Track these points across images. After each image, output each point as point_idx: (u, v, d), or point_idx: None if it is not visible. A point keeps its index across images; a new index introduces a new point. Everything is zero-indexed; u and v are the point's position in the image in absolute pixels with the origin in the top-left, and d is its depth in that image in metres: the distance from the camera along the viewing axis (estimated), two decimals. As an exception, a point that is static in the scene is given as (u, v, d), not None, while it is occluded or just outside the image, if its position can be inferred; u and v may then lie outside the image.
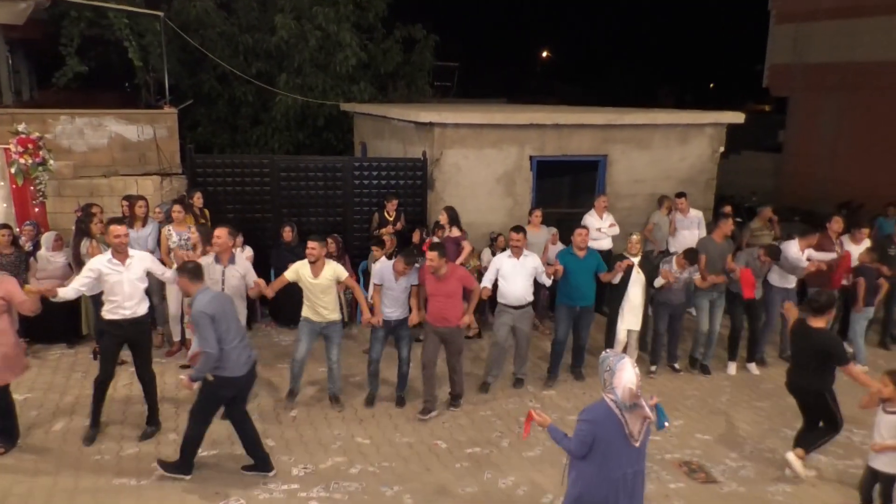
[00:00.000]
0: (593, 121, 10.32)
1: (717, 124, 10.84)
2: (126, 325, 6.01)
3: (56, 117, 10.86)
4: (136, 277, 6.03)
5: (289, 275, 6.71)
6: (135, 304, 6.04)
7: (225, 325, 5.33)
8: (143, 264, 6.12)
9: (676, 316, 8.09)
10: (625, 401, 3.90)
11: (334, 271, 6.70)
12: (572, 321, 7.66)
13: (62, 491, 5.37)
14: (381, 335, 6.98)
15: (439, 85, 21.00)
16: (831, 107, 18.86)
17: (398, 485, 5.65)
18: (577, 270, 7.48)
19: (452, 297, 6.73)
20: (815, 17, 19.33)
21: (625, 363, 3.96)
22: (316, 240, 6.60)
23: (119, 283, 5.94)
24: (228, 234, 6.49)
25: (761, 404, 7.46)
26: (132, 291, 6.00)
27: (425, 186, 9.93)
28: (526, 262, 7.23)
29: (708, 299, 8.11)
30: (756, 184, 19.56)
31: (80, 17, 13.52)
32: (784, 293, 8.26)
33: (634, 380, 3.90)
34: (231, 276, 6.49)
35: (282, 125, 15.54)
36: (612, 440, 3.96)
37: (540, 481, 5.78)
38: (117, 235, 5.97)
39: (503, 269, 7.23)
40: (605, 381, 4.01)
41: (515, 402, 7.29)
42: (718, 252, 8.04)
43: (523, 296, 7.24)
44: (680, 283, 7.83)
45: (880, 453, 5.13)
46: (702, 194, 10.84)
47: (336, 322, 6.85)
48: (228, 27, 15.21)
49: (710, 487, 5.81)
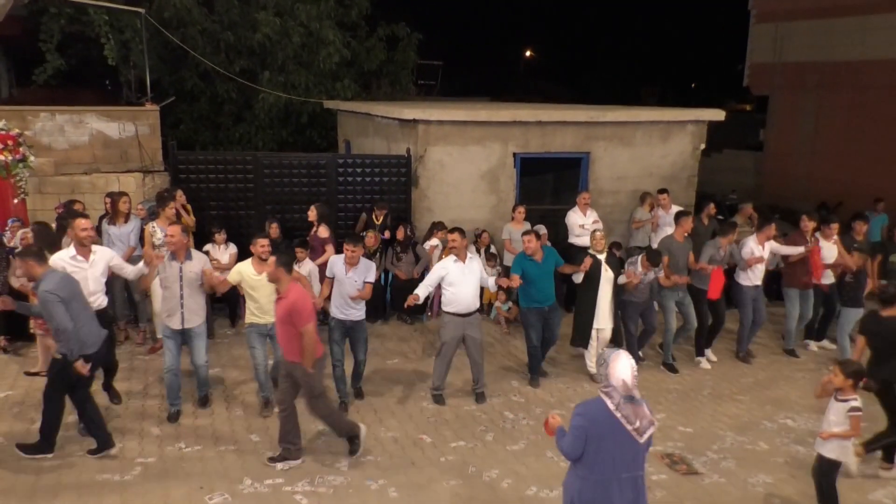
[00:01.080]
0: (576, 118, 10.39)
1: (699, 121, 10.95)
2: None
3: (36, 114, 10.76)
4: (99, 273, 6.15)
5: (231, 277, 6.52)
6: (98, 298, 6.16)
7: (76, 306, 5.44)
8: (105, 260, 6.22)
9: (647, 314, 8.03)
10: (625, 391, 3.81)
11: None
12: (543, 323, 7.48)
13: (45, 487, 5.33)
14: (337, 337, 6.77)
15: (423, 83, 21.02)
16: (811, 105, 19.10)
17: (383, 479, 5.66)
18: (539, 275, 7.28)
19: (284, 324, 5.61)
20: (795, 17, 19.56)
21: (619, 354, 3.91)
22: (265, 236, 6.58)
23: (84, 280, 5.94)
24: (181, 231, 6.38)
25: (742, 398, 7.56)
26: (95, 287, 6.11)
27: (409, 183, 9.95)
28: (472, 266, 6.85)
29: (674, 299, 8.09)
30: (737, 182, 19.77)
31: (60, 14, 13.40)
32: (754, 291, 8.36)
33: (629, 371, 3.82)
34: (188, 271, 6.30)
35: (265, 123, 15.49)
36: (607, 440, 3.80)
37: (524, 474, 5.82)
38: (84, 229, 6.03)
39: (449, 276, 6.75)
40: (602, 376, 3.95)
41: (500, 398, 7.32)
42: (681, 250, 8.10)
43: (472, 302, 6.84)
44: (644, 284, 7.77)
45: (827, 440, 5.21)
46: (683, 191, 10.94)
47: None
48: (210, 24, 15.13)
49: (692, 479, 5.88)
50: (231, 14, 15.39)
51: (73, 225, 6.14)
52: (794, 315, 8.66)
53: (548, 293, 7.40)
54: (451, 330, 6.87)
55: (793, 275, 8.62)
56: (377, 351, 8.45)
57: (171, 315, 6.30)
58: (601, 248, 7.60)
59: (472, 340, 6.93)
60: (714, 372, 8.26)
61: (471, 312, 6.87)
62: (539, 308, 7.39)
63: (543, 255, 7.34)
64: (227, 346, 8.45)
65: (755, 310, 8.42)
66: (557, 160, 10.77)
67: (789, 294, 8.67)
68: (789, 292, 8.67)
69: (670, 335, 8.22)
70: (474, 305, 6.89)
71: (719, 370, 8.31)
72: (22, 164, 8.76)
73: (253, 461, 5.84)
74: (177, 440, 6.12)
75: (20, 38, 15.62)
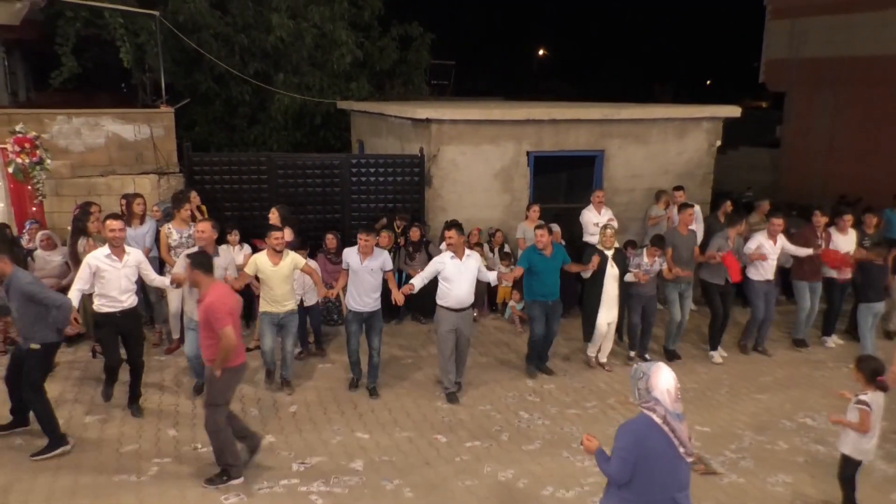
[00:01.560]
0: (590, 116, 10.33)
1: (714, 118, 10.85)
2: (120, 316, 6.31)
3: (53, 117, 10.83)
4: (131, 273, 6.35)
5: (248, 269, 6.82)
6: (129, 296, 6.36)
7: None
8: (137, 261, 6.43)
9: (649, 308, 8.15)
10: (670, 406, 3.48)
11: (293, 260, 6.86)
12: (545, 316, 7.62)
13: (62, 488, 5.36)
14: (354, 328, 7.01)
15: (436, 83, 21.01)
16: (828, 102, 18.89)
17: (398, 479, 5.65)
18: (545, 270, 7.43)
19: (204, 326, 5.36)
20: (811, 12, 19.37)
21: (659, 366, 3.60)
22: (280, 229, 6.85)
23: (116, 279, 6.22)
24: (212, 227, 6.75)
25: (760, 396, 7.47)
26: (127, 285, 6.31)
27: (423, 183, 9.93)
28: (469, 263, 6.90)
29: (677, 291, 8.24)
30: (753, 179, 19.60)
31: (75, 17, 13.49)
32: (765, 286, 8.36)
33: (672, 382, 3.52)
34: (217, 266, 6.40)
35: (279, 124, 15.54)
36: (657, 459, 3.47)
37: (540, 474, 5.78)
38: (112, 230, 6.22)
39: (446, 271, 6.83)
40: (640, 392, 3.58)
41: (515, 397, 7.29)
42: (684, 243, 8.22)
43: (466, 298, 6.92)
44: (651, 276, 7.92)
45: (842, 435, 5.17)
46: (699, 189, 10.85)
47: (293, 312, 7.00)
48: (223, 27, 15.20)
49: (710, 479, 5.82)
50: (245, 16, 15.46)
51: (105, 225, 6.36)
52: (805, 307, 8.76)
53: (552, 288, 7.54)
54: (444, 324, 6.97)
55: (802, 268, 8.66)
56: (392, 351, 8.45)
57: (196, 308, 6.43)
58: (609, 245, 7.73)
59: (462, 335, 7.07)
60: (731, 370, 8.17)
61: (464, 308, 6.96)
62: (543, 301, 7.54)
63: (553, 250, 7.48)
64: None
65: (766, 305, 8.42)
66: (571, 158, 10.71)
67: (799, 287, 8.75)
68: (799, 285, 8.74)
69: (673, 326, 8.35)
70: (468, 301, 6.98)
71: (737, 368, 8.22)
72: (39, 167, 8.85)
73: (269, 461, 5.84)
74: (193, 440, 6.14)
75: (37, 41, 15.75)
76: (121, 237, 6.26)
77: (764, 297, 8.39)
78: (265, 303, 6.90)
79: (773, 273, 8.40)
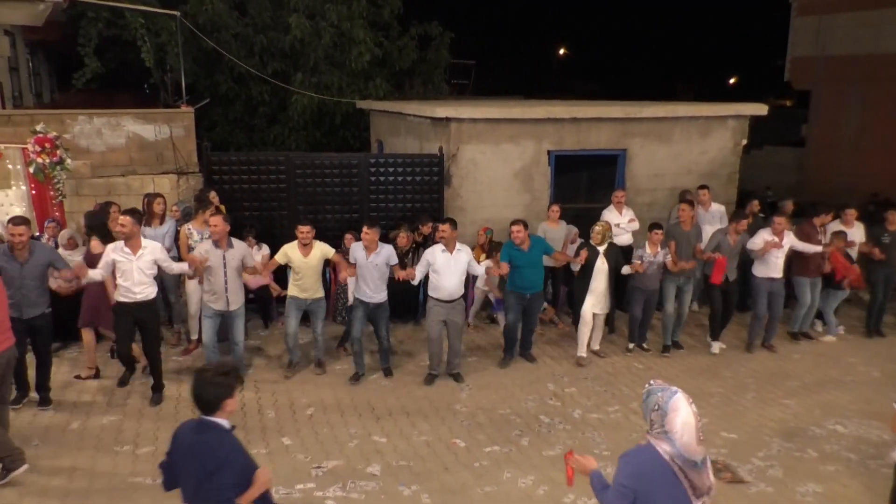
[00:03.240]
0: (612, 114, 10.16)
1: (740, 116, 10.63)
2: (134, 306, 6.58)
3: (74, 117, 10.88)
4: (145, 266, 6.57)
5: (279, 257, 7.31)
6: (144, 289, 6.60)
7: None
8: (153, 255, 6.63)
9: (651, 301, 8.30)
10: (691, 455, 2.98)
11: (322, 251, 7.32)
12: (522, 308, 7.82)
13: (77, 490, 5.33)
14: (360, 314, 7.30)
15: (456, 83, 20.92)
16: (855, 99, 18.54)
17: (416, 484, 5.54)
18: (525, 264, 7.60)
19: None
20: (838, 9, 19.01)
21: (678, 400, 3.04)
22: (307, 223, 7.27)
23: (129, 271, 6.50)
24: (223, 220, 7.00)
25: (788, 402, 7.27)
26: (141, 278, 6.55)
27: (442, 183, 9.82)
28: (459, 257, 7.19)
29: (675, 284, 8.29)
30: (778, 179, 19.30)
31: (97, 18, 13.60)
32: (768, 283, 8.34)
33: (693, 422, 2.99)
34: (231, 258, 6.97)
35: (298, 124, 15.53)
36: (655, 496, 3.02)
37: (561, 481, 5.64)
38: (123, 225, 6.45)
39: (436, 264, 7.16)
40: (653, 422, 3.08)
41: (535, 400, 7.16)
42: (686, 239, 8.31)
43: (455, 291, 7.22)
44: (653, 268, 8.05)
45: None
46: (724, 188, 10.63)
47: (320, 299, 7.49)
48: (242, 28, 15.22)
49: (738, 488, 5.64)
50: (263, 17, 15.49)
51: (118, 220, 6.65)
52: (805, 303, 8.81)
53: (532, 281, 7.72)
54: (434, 314, 7.30)
55: (803, 265, 8.63)
56: (410, 351, 8.37)
57: (216, 298, 6.99)
58: (598, 241, 7.88)
59: (453, 325, 7.34)
60: (758, 375, 7.97)
61: (453, 300, 7.25)
62: (521, 293, 7.74)
63: (530, 244, 7.63)
64: (260, 347, 8.42)
65: (771, 304, 8.42)
66: (593, 157, 10.54)
67: (800, 282, 8.72)
68: (800, 280, 8.71)
69: (669, 319, 8.41)
70: (457, 293, 7.26)
71: (763, 373, 8.02)
72: (59, 167, 8.88)
73: (284, 465, 5.77)
74: (209, 442, 6.08)
75: (60, 43, 15.93)
76: (125, 232, 6.45)
77: (768, 295, 8.38)
78: (294, 288, 7.36)
79: (779, 271, 8.36)
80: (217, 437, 3.31)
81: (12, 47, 14.15)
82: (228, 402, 3.33)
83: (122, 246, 6.50)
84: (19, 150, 8.86)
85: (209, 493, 3.24)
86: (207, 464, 3.23)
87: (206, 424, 3.33)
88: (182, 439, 3.40)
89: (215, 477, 3.21)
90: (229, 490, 3.22)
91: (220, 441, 3.30)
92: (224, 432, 3.34)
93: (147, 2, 13.54)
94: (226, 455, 3.26)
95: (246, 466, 3.36)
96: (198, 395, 3.34)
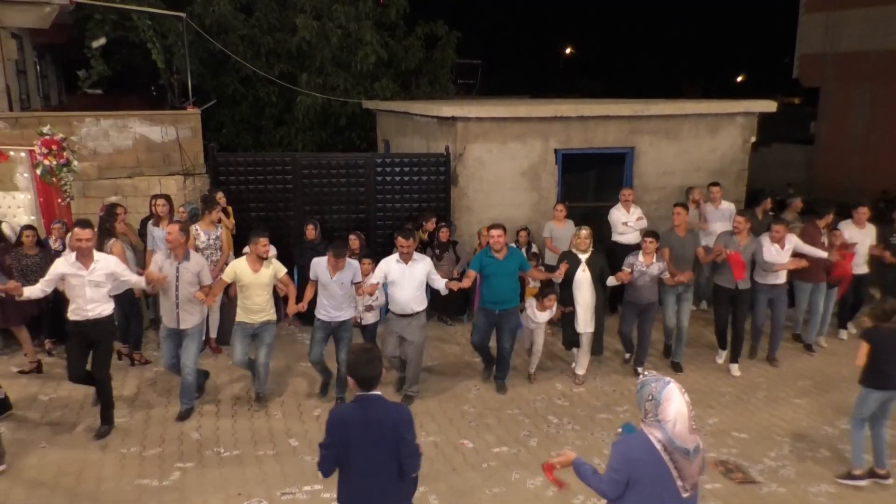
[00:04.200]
0: (619, 112, 10.09)
1: (749, 113, 10.54)
2: (88, 325, 5.96)
3: (81, 119, 10.90)
4: (98, 281, 5.93)
5: (226, 276, 6.57)
6: (96, 307, 5.96)
7: None
8: (107, 269, 6.00)
9: (646, 317, 7.50)
10: (682, 443, 3.12)
11: (274, 268, 6.62)
12: (492, 326, 7.11)
13: (85, 492, 5.32)
14: (319, 336, 6.72)
15: (462, 82, 20.88)
16: (865, 96, 18.41)
17: (424, 485, 5.49)
18: (497, 274, 6.91)
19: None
20: (846, 5, 18.89)
21: (671, 391, 3.17)
22: (266, 235, 6.55)
23: (80, 286, 5.89)
24: (180, 230, 6.34)
25: (800, 401, 7.20)
26: (93, 295, 5.92)
27: (448, 182, 9.78)
28: (415, 269, 6.64)
29: (674, 294, 7.70)
30: (787, 176, 19.19)
31: (104, 20, 13.60)
32: (770, 290, 7.92)
33: (685, 412, 3.13)
34: (185, 271, 6.32)
35: (304, 125, 15.52)
36: (650, 485, 3.17)
37: (571, 481, 5.58)
38: (79, 239, 5.87)
39: (391, 275, 6.63)
40: (647, 412, 3.23)
41: (543, 401, 7.11)
42: (681, 245, 7.73)
43: (409, 303, 6.66)
44: (646, 279, 7.30)
45: None
46: (733, 186, 10.54)
47: (269, 323, 6.66)
48: (249, 29, 15.23)
49: (749, 488, 5.58)
50: (270, 18, 15.49)
51: (73, 233, 6.08)
52: (803, 308, 8.60)
53: (502, 296, 6.97)
54: (390, 325, 6.86)
55: (805, 269, 8.12)
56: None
57: (167, 315, 6.39)
58: (584, 247, 7.18)
59: (408, 343, 6.78)
60: (769, 374, 7.90)
61: (408, 314, 6.70)
62: (490, 310, 7.02)
63: (507, 253, 7.01)
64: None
65: (773, 312, 7.99)
66: (600, 156, 10.48)
67: (801, 287, 8.44)
68: (801, 285, 8.43)
69: (670, 333, 7.94)
70: (412, 308, 6.70)
71: (774, 372, 7.94)
72: (66, 169, 8.87)
73: (291, 466, 5.75)
74: (216, 444, 6.07)
75: (67, 46, 15.95)
76: (85, 247, 5.86)
77: (769, 302, 7.95)
78: (240, 312, 6.61)
79: (780, 278, 7.89)
80: (390, 405, 3.67)
81: (20, 50, 14.17)
82: (381, 376, 3.66)
83: (73, 259, 5.91)
84: (26, 154, 8.85)
85: (404, 450, 3.62)
86: (398, 428, 3.59)
87: (370, 398, 3.61)
88: (350, 420, 3.58)
89: (407, 435, 3.62)
90: (413, 441, 3.67)
91: (394, 407, 3.69)
92: (384, 399, 3.66)
93: (153, 4, 13.55)
94: (405, 415, 3.66)
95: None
96: (363, 374, 3.59)
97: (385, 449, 3.57)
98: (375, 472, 3.60)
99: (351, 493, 3.68)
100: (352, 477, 3.63)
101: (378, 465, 3.60)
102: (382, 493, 3.66)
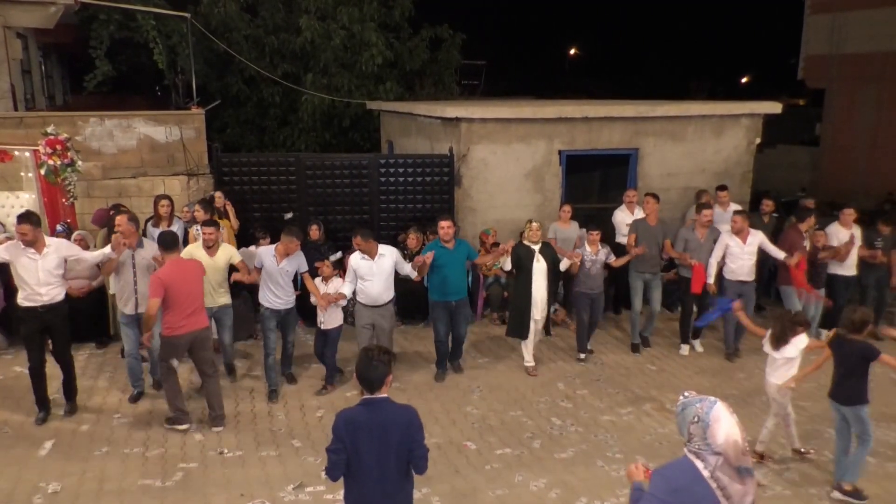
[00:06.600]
0: (624, 113, 10.07)
1: (754, 115, 10.51)
2: (42, 311, 6.15)
3: (86, 120, 10.92)
4: (52, 266, 6.14)
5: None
6: (50, 290, 6.16)
7: None
8: (59, 252, 6.21)
9: (597, 305, 8.02)
10: (734, 460, 2.82)
11: (228, 253, 7.01)
12: (449, 317, 7.50)
13: (88, 492, 5.32)
14: (272, 325, 6.99)
15: (467, 83, 20.85)
16: (871, 98, 18.33)
17: (426, 487, 5.49)
18: (447, 263, 7.35)
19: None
20: (852, 7, 18.81)
21: (719, 411, 2.85)
22: (212, 225, 6.97)
23: (35, 271, 6.06)
24: (128, 220, 6.56)
25: (804, 403, 7.16)
26: (46, 279, 6.12)
27: (452, 183, 9.77)
28: (383, 262, 6.99)
29: (641, 280, 8.14)
30: (792, 178, 19.12)
31: (109, 20, 13.64)
32: (739, 286, 7.97)
33: (738, 432, 2.81)
34: (141, 258, 6.60)
35: (308, 126, 15.53)
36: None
37: (574, 484, 5.58)
38: (23, 234, 5.99)
39: (360, 271, 6.99)
40: (692, 435, 2.89)
41: (547, 402, 7.09)
42: (651, 234, 8.07)
43: (380, 295, 7.03)
44: (596, 267, 7.79)
45: None
46: (738, 188, 10.51)
47: (226, 306, 7.09)
48: (254, 30, 15.24)
49: (753, 491, 5.55)
50: (275, 19, 15.50)
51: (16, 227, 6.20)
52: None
53: (455, 286, 7.46)
54: (361, 319, 7.14)
55: (789, 273, 8.27)
56: (421, 354, 8.31)
57: (126, 301, 6.61)
58: (536, 239, 7.54)
59: (381, 329, 7.16)
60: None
61: (380, 305, 7.09)
62: (445, 302, 7.45)
63: (455, 245, 7.43)
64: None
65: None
66: (605, 157, 10.46)
67: (787, 292, 8.45)
68: (786, 290, 8.45)
69: (636, 316, 8.31)
70: (383, 298, 7.08)
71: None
72: (70, 169, 8.88)
73: (294, 467, 5.74)
74: (218, 445, 6.07)
75: (72, 46, 16.00)
76: (26, 240, 6.00)
77: (738, 297, 7.84)
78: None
79: (748, 274, 7.96)
80: (398, 407, 3.66)
81: (25, 50, 14.21)
82: (388, 378, 3.64)
83: (23, 246, 6.05)
84: (30, 154, 8.87)
85: (416, 452, 3.63)
86: (409, 430, 3.61)
87: (377, 401, 3.61)
88: (359, 423, 3.57)
89: (416, 437, 3.62)
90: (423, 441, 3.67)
91: (403, 409, 3.67)
92: (391, 402, 3.66)
93: (158, 4, 13.58)
94: (415, 417, 3.65)
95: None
96: (365, 376, 3.59)
97: (394, 451, 3.58)
98: (384, 475, 3.61)
99: (360, 495, 3.67)
100: (360, 479, 3.62)
101: (387, 467, 3.60)
102: (391, 495, 3.66)
